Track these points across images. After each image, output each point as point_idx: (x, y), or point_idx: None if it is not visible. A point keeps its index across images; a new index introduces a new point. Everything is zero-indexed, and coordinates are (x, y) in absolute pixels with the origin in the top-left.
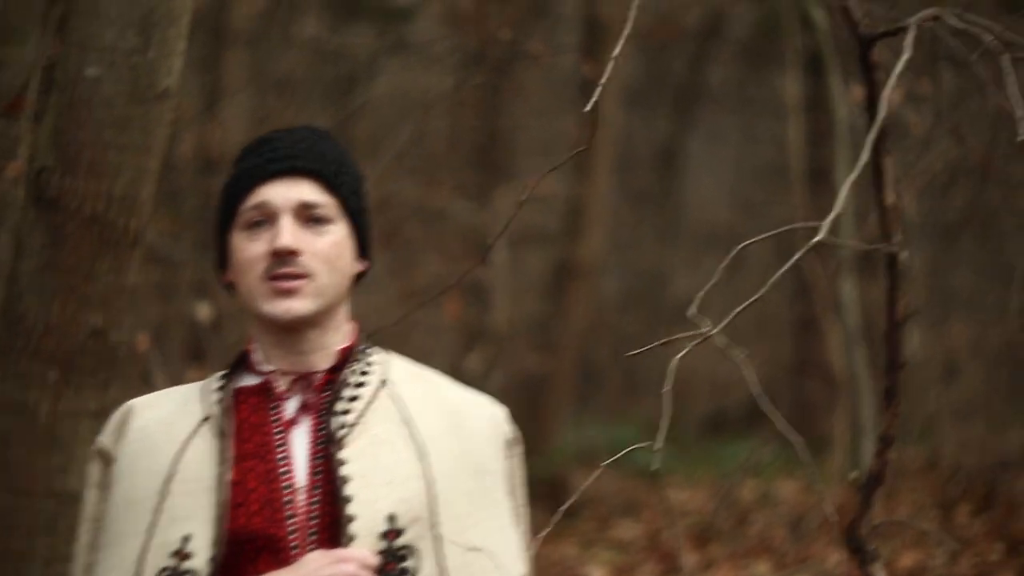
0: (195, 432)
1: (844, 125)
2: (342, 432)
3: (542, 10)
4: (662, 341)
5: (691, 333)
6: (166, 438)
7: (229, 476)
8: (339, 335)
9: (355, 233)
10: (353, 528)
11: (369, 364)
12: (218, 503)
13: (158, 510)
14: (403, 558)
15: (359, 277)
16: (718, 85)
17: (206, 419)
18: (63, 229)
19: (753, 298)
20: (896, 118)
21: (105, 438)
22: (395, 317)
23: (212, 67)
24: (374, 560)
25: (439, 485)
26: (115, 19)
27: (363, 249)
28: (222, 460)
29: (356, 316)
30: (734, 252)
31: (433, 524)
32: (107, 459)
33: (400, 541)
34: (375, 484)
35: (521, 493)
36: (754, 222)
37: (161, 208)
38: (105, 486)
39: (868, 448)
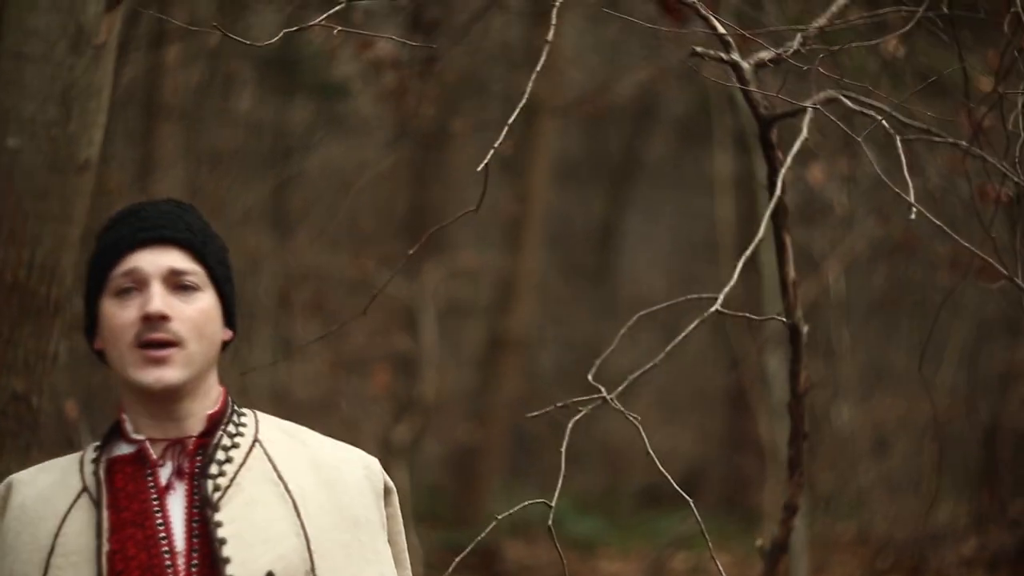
0: (73, 504)
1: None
2: (217, 495)
3: (472, 87)
4: (559, 404)
5: (588, 397)
6: (46, 513)
7: (106, 548)
8: (208, 400)
9: (221, 302)
10: None
11: (240, 426)
12: (97, 574)
13: None
14: None
15: (225, 345)
16: (654, 162)
17: (83, 491)
18: None
19: (649, 365)
20: (820, 197)
21: None
22: (325, 387)
23: (145, 139)
24: None
25: (315, 541)
26: (36, 92)
27: (229, 318)
28: (99, 532)
29: (227, 382)
30: (632, 321)
31: None
32: None
33: None
34: (252, 543)
35: (402, 540)
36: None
37: None
38: None
39: (796, 520)
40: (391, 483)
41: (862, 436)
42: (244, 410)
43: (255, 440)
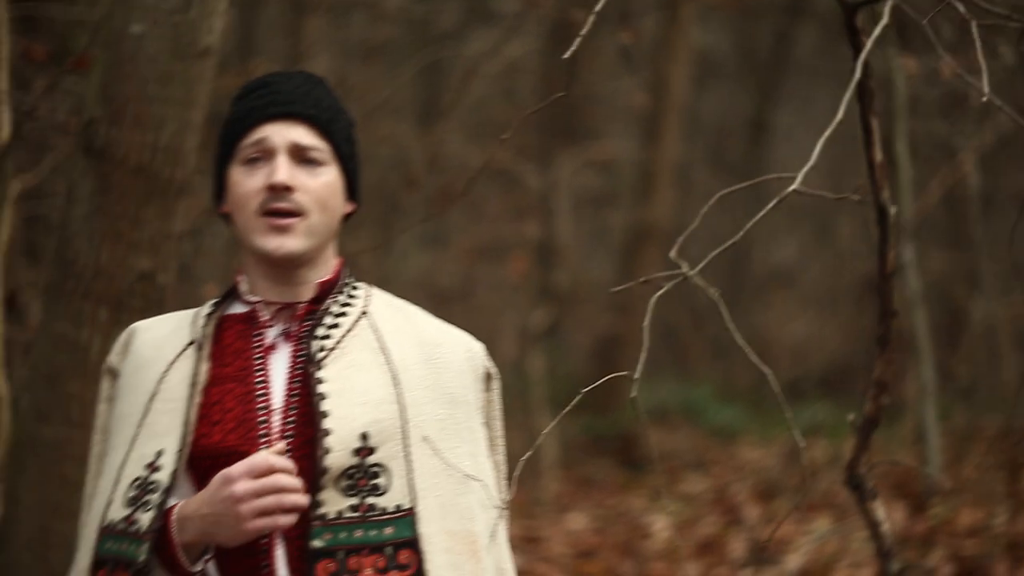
0: (181, 354)
1: (902, 96)
2: (321, 355)
3: None
4: (641, 280)
5: (669, 273)
6: (156, 359)
7: (198, 398)
8: (324, 270)
9: (345, 176)
10: (328, 442)
11: (351, 296)
12: (184, 421)
13: (141, 425)
14: (375, 475)
15: (347, 218)
16: (804, 56)
17: (192, 343)
18: (110, 178)
19: (728, 243)
20: (954, 89)
21: (113, 356)
22: (460, 273)
23: (292, 31)
24: (280, 461)
25: (411, 411)
26: None
27: (352, 192)
28: (194, 381)
29: (347, 253)
30: (712, 200)
31: (404, 447)
32: (114, 375)
33: (372, 459)
34: (351, 403)
35: (498, 425)
36: (837, 190)
37: None
38: (111, 400)
39: (930, 409)
40: (494, 370)
41: (1004, 330)
42: (359, 283)
43: (364, 312)
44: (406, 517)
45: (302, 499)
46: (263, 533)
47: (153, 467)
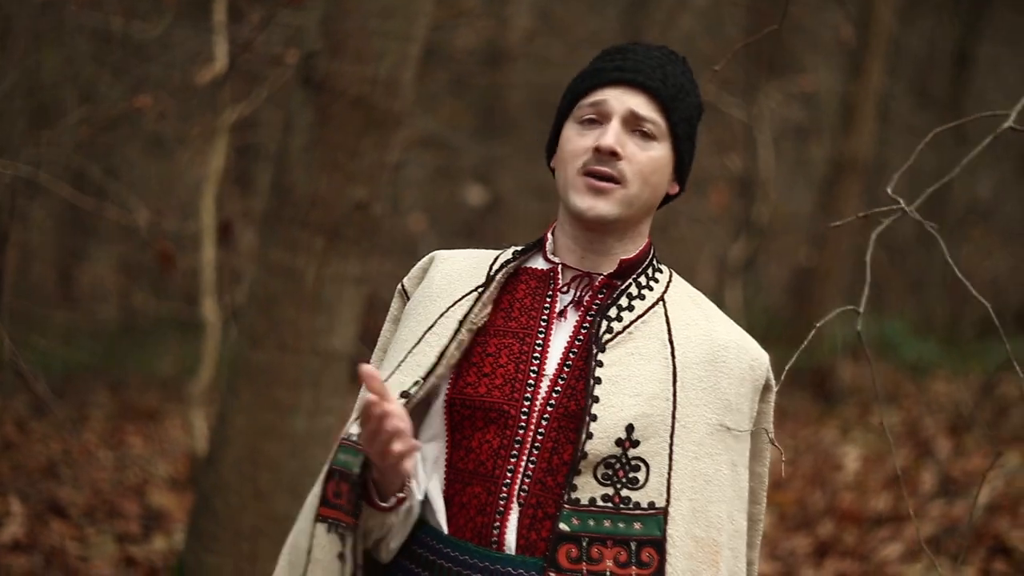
0: (469, 294)
1: None
2: (607, 337)
3: None
4: (860, 215)
5: (888, 208)
6: (446, 293)
7: (464, 336)
8: (632, 246)
9: (676, 157)
10: (592, 427)
11: (652, 280)
12: (438, 353)
13: (411, 352)
14: (635, 468)
15: (668, 199)
16: None
17: (483, 286)
18: (329, 109)
19: (945, 179)
20: None
21: (408, 280)
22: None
23: None
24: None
25: (682, 410)
26: None
27: (680, 174)
28: (463, 320)
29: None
30: (929, 137)
31: (669, 445)
32: (404, 297)
33: (634, 452)
34: (623, 392)
35: (766, 437)
36: None
37: (443, 98)
38: (396, 321)
39: None
40: (773, 382)
41: None
42: (663, 267)
43: (661, 298)
44: (657, 516)
45: (394, 424)
46: (401, 459)
47: (404, 396)
